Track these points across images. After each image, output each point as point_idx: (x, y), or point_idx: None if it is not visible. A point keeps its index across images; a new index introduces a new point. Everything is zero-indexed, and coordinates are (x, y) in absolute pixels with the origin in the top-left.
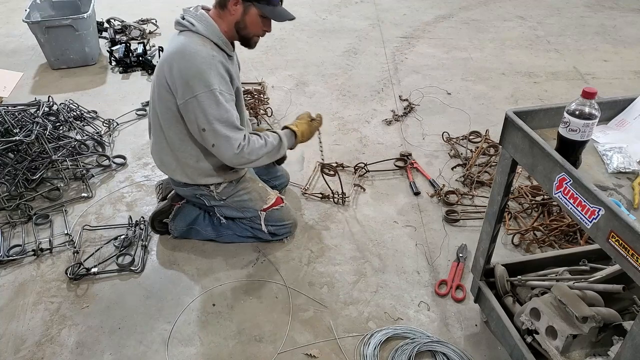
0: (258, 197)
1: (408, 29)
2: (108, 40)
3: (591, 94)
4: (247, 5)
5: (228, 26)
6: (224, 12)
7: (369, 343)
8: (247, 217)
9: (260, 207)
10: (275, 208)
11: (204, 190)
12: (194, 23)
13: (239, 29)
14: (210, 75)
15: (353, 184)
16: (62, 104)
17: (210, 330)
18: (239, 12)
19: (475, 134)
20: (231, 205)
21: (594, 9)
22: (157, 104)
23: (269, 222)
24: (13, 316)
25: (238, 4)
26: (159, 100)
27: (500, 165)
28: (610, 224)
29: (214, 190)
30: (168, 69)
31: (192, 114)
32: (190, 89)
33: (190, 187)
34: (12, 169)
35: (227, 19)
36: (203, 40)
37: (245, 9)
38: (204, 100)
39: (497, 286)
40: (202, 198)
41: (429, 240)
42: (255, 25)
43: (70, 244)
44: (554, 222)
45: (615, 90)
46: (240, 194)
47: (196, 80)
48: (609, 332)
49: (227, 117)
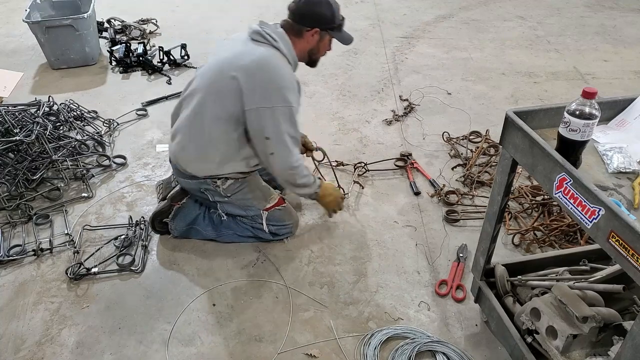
0: (261, 196)
1: (408, 29)
2: (108, 40)
3: (591, 94)
4: (324, 33)
5: (300, 52)
6: (299, 40)
7: (369, 343)
8: (249, 215)
9: (262, 206)
10: (277, 208)
11: (210, 185)
12: (277, 40)
13: (312, 53)
14: (290, 93)
15: (353, 180)
16: (62, 104)
17: (210, 330)
18: (315, 40)
19: (476, 134)
20: (235, 202)
21: (594, 9)
22: (207, 97)
23: (270, 222)
24: (13, 316)
25: (316, 33)
26: (213, 96)
27: (501, 165)
28: (610, 224)
29: (220, 186)
30: (245, 75)
31: (261, 121)
32: (269, 100)
33: (197, 181)
34: (13, 169)
35: (301, 46)
36: (283, 58)
37: (321, 37)
38: (280, 114)
39: (498, 286)
40: (207, 193)
41: (429, 240)
42: (325, 49)
43: (70, 244)
44: (554, 222)
45: (615, 90)
46: (245, 192)
47: (277, 94)
48: (609, 332)
49: (294, 134)
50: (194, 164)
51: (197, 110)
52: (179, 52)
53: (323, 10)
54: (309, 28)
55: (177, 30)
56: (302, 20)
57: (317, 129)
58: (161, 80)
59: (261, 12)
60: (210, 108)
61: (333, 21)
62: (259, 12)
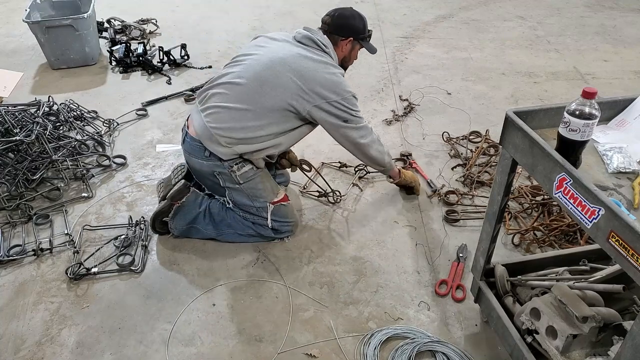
0: (270, 189)
1: (408, 29)
2: (108, 40)
3: (591, 94)
4: (355, 43)
5: (337, 59)
6: (336, 48)
7: (369, 343)
8: (256, 206)
9: (270, 198)
10: (283, 204)
11: (225, 168)
12: (327, 46)
13: (345, 61)
14: (348, 87)
15: (352, 183)
16: (62, 104)
17: (210, 330)
18: (348, 49)
19: (475, 134)
20: (245, 190)
21: (594, 9)
22: (268, 88)
23: (274, 217)
24: (13, 316)
25: (349, 43)
26: (275, 90)
27: (500, 165)
28: (610, 224)
29: (236, 171)
30: (303, 77)
31: (335, 112)
32: (337, 94)
33: (213, 163)
34: (12, 169)
35: (337, 53)
36: (329, 61)
37: (353, 46)
38: (348, 101)
39: (497, 286)
40: (219, 177)
41: (429, 240)
42: (354, 58)
43: (70, 244)
44: (554, 222)
45: (615, 90)
46: (257, 181)
47: (342, 87)
48: (609, 332)
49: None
50: (229, 134)
51: (249, 88)
52: (178, 52)
53: (356, 22)
54: (343, 38)
55: (177, 30)
56: (338, 31)
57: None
58: (161, 80)
59: (261, 12)
60: (271, 97)
61: (364, 32)
62: (259, 12)
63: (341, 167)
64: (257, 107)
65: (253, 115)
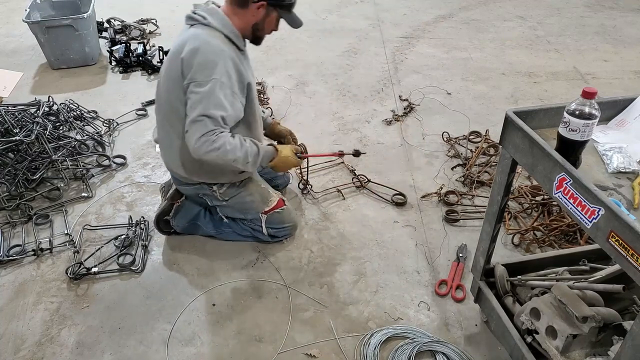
0: (260, 200)
1: (408, 29)
2: (108, 40)
3: (591, 94)
4: (270, 9)
5: (245, 25)
6: (243, 11)
7: (369, 343)
8: (248, 218)
9: (261, 209)
10: (277, 211)
11: (207, 190)
12: (206, 16)
13: (256, 29)
14: (216, 66)
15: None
16: (62, 104)
17: (210, 330)
18: (260, 15)
19: (475, 134)
20: (233, 206)
21: (594, 9)
22: (165, 98)
23: (269, 225)
24: (13, 316)
25: (262, 7)
26: (169, 94)
27: (500, 165)
28: (610, 224)
29: (217, 190)
30: (179, 61)
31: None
32: (192, 76)
33: (194, 187)
34: (12, 169)
35: (246, 19)
36: (214, 32)
37: (267, 12)
38: (201, 87)
39: (497, 286)
40: (205, 198)
41: (429, 240)
42: (270, 27)
43: (70, 243)
44: (554, 222)
45: (615, 90)
46: (243, 196)
47: (200, 68)
48: (609, 332)
49: (212, 110)
50: (181, 169)
51: (161, 116)
52: None
53: None
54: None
55: (177, 30)
56: None
57: (317, 129)
58: None
59: None
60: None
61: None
62: None
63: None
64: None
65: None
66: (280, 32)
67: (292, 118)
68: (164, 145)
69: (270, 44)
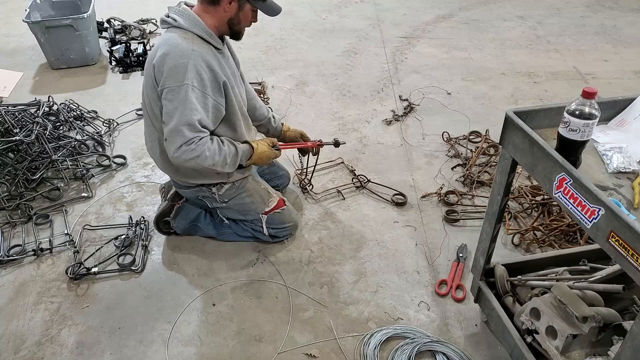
0: (260, 200)
1: (408, 29)
2: (108, 40)
3: (591, 94)
4: (243, 2)
5: (219, 21)
6: (215, 9)
7: (369, 343)
8: (249, 219)
9: (261, 210)
10: (277, 211)
11: (206, 192)
12: (176, 18)
13: (232, 24)
14: (186, 70)
15: (337, 190)
16: (62, 104)
17: (210, 330)
18: (233, 9)
19: (475, 134)
20: (233, 207)
21: (594, 9)
22: (147, 105)
23: (270, 225)
24: (13, 316)
25: (233, 1)
26: (150, 101)
27: (500, 165)
28: (610, 224)
29: (216, 192)
30: (151, 68)
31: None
32: (164, 82)
33: (193, 189)
34: (12, 169)
35: (219, 15)
36: (185, 34)
37: (240, 6)
38: (174, 94)
39: (497, 286)
40: (205, 200)
41: (429, 240)
42: (246, 20)
43: (70, 243)
44: (554, 222)
45: (615, 90)
46: (242, 197)
47: (171, 74)
48: (609, 332)
49: (188, 116)
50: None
51: (147, 122)
52: None
53: None
54: None
55: None
56: None
57: (317, 129)
58: None
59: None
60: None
61: None
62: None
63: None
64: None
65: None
66: (280, 32)
67: (292, 118)
68: (155, 153)
69: (270, 44)
